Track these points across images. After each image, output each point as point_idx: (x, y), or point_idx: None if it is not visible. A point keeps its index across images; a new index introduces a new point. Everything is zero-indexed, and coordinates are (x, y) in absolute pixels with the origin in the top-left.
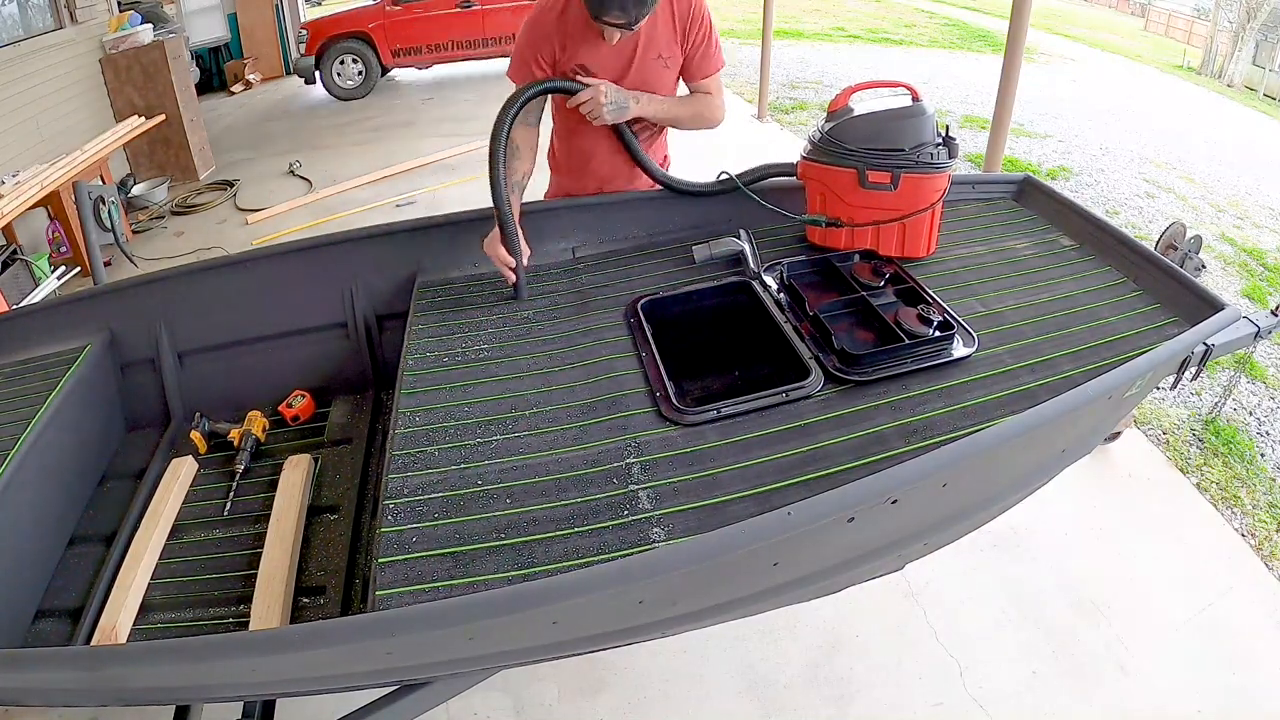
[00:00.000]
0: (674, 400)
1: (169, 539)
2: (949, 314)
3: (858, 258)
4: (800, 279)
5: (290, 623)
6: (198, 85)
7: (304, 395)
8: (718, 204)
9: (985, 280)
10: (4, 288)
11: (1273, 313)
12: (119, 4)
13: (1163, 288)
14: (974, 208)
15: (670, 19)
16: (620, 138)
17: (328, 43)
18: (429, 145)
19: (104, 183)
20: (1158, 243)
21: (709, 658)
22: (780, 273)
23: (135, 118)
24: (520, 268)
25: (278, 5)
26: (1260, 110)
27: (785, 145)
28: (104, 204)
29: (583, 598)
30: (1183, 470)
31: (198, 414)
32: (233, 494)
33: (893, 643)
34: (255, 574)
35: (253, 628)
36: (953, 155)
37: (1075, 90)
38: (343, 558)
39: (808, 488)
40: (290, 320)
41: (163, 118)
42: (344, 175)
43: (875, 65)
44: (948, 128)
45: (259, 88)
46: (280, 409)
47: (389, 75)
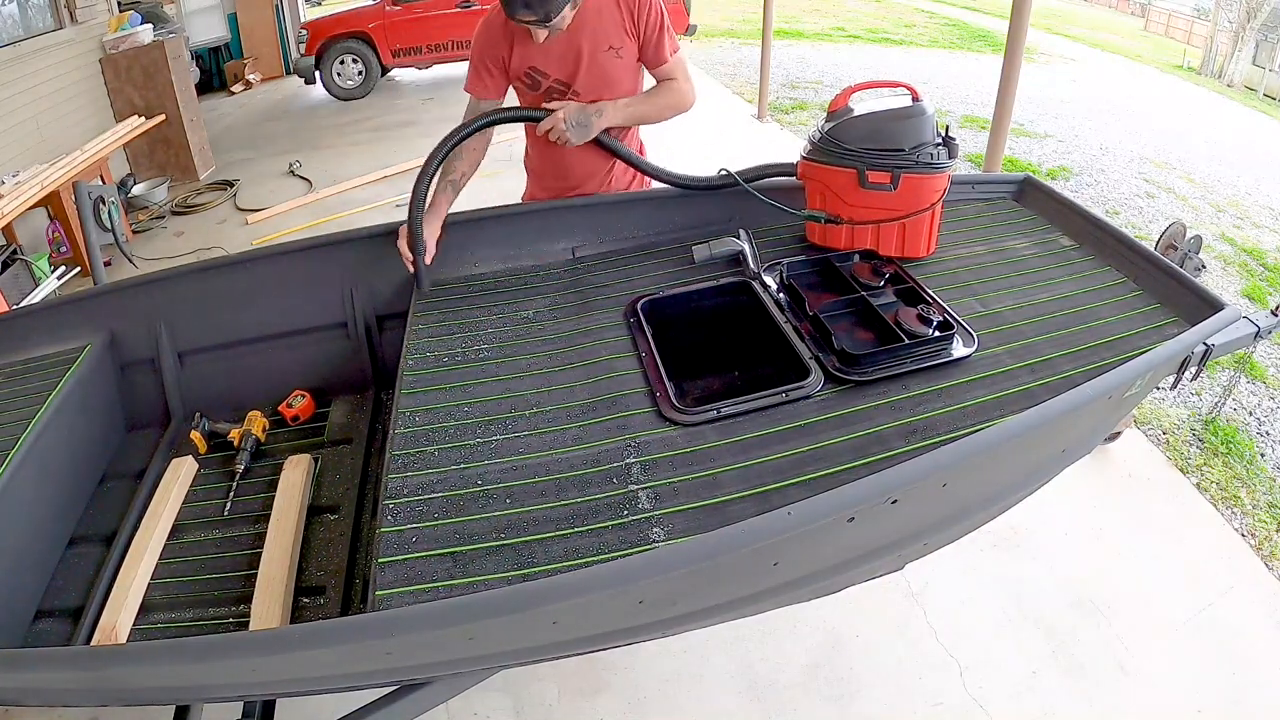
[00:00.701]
0: (674, 400)
1: (169, 539)
2: (949, 314)
3: (857, 258)
4: (800, 279)
5: (290, 623)
6: (198, 85)
7: (304, 395)
8: (717, 203)
9: (985, 280)
10: (4, 288)
11: (1273, 313)
12: (119, 4)
13: (1163, 288)
14: (974, 208)
15: (616, 9)
16: (602, 144)
17: (328, 43)
18: (429, 145)
19: (104, 183)
20: (1158, 243)
21: (709, 658)
22: (780, 273)
23: (135, 118)
24: (420, 262)
25: (278, 5)
26: (1260, 110)
27: (785, 145)
28: (104, 204)
29: (583, 598)
30: (1183, 470)
31: (198, 414)
32: (233, 494)
33: (893, 643)
34: (255, 574)
35: (253, 628)
36: (952, 155)
37: (1075, 90)
38: (343, 558)
39: (808, 488)
40: (290, 320)
41: (163, 118)
42: (344, 175)
43: (875, 65)
44: (947, 128)
45: (259, 88)
46: (280, 409)
47: (389, 75)
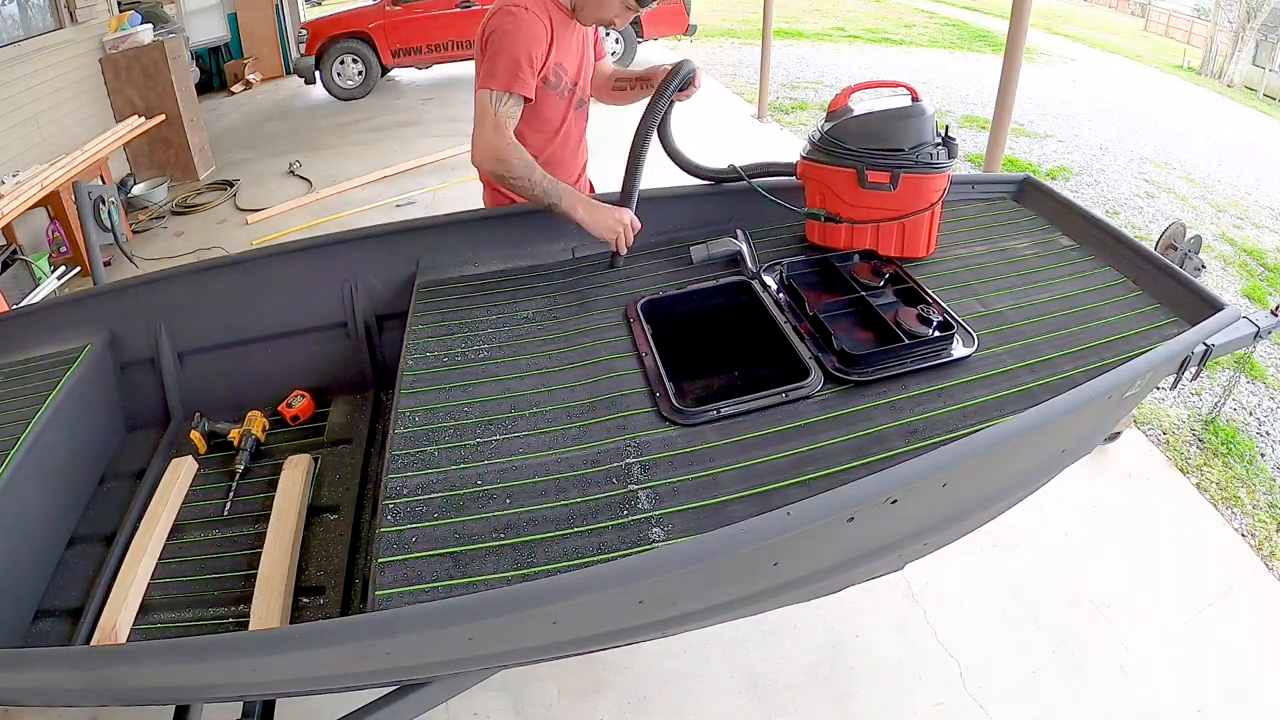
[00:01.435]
0: (674, 400)
1: (169, 539)
2: (949, 314)
3: (857, 258)
4: (800, 279)
5: (290, 623)
6: (198, 85)
7: (304, 395)
8: (717, 203)
9: (985, 280)
10: (4, 288)
11: (1273, 313)
12: (119, 4)
13: (1162, 288)
14: (974, 208)
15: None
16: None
17: (328, 43)
18: (429, 145)
19: (104, 183)
20: (1157, 243)
21: (709, 658)
22: (780, 273)
23: (135, 118)
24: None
25: (278, 5)
26: (1260, 110)
27: (785, 145)
28: (104, 204)
29: (582, 598)
30: (1183, 470)
31: (198, 414)
32: (233, 494)
33: (893, 643)
34: (255, 574)
35: (253, 628)
36: (952, 155)
37: (1075, 90)
38: (343, 558)
39: (808, 488)
40: (290, 320)
41: (163, 118)
42: (344, 175)
43: (875, 65)
44: (947, 128)
45: (259, 88)
46: (280, 409)
47: (389, 75)
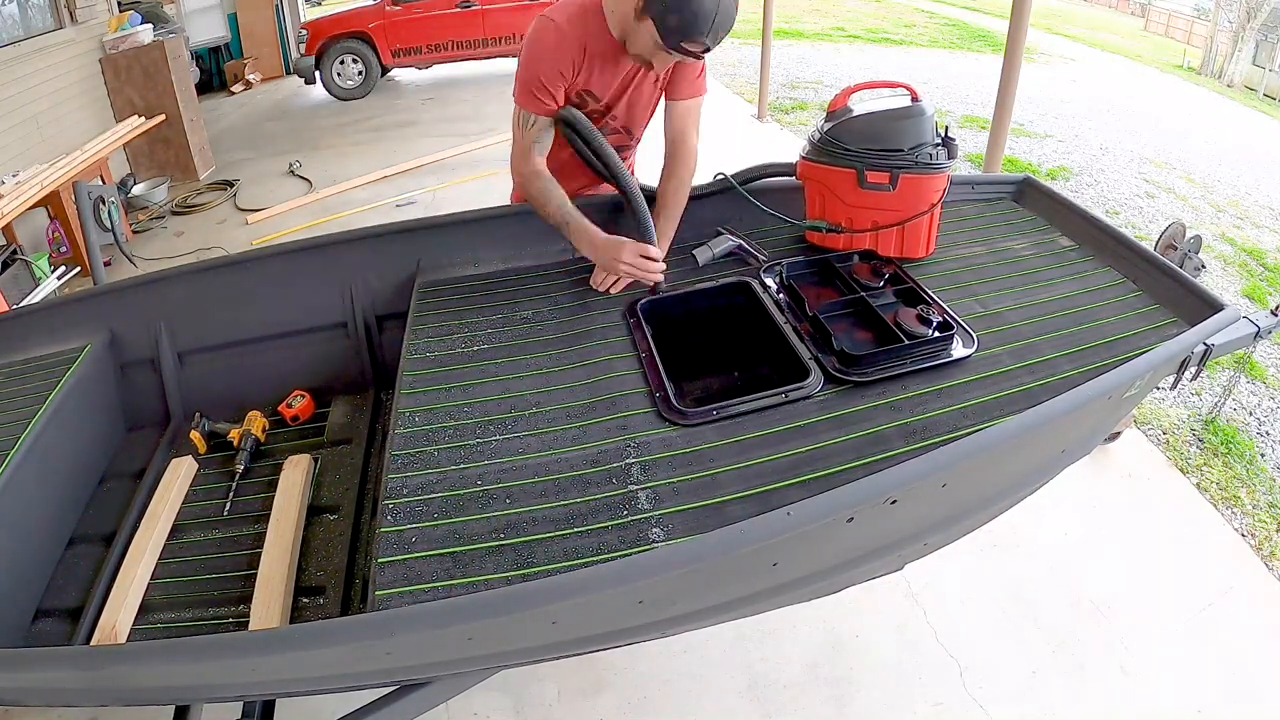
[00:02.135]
0: (673, 400)
1: (169, 539)
2: (948, 314)
3: (857, 258)
4: (800, 279)
5: (290, 623)
6: (198, 85)
7: (304, 395)
8: (718, 205)
9: (985, 281)
10: (4, 288)
11: (1273, 313)
12: (119, 4)
13: (1162, 288)
14: (973, 208)
15: None
16: (610, 170)
17: (328, 43)
18: (429, 145)
19: (104, 183)
20: (1157, 243)
21: (709, 658)
22: (780, 273)
23: (135, 118)
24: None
25: (278, 5)
26: (1260, 110)
27: (785, 145)
28: (104, 204)
29: (582, 598)
30: (1183, 470)
31: (198, 414)
32: (232, 494)
33: (893, 643)
34: (255, 574)
35: (253, 628)
36: (952, 156)
37: (1075, 90)
38: (343, 558)
39: (807, 488)
40: (290, 320)
41: (163, 118)
42: (344, 175)
43: (875, 65)
44: (947, 128)
45: (259, 88)
46: (280, 409)
47: (389, 75)
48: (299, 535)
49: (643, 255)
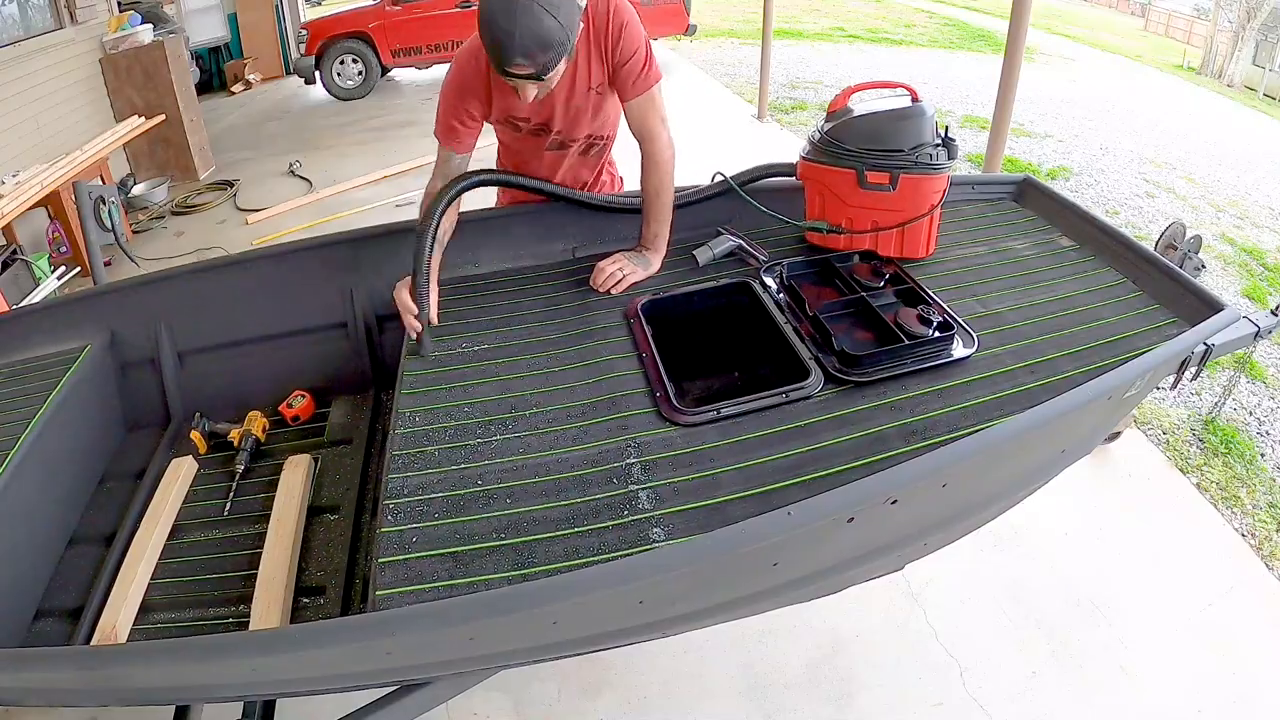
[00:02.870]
0: (674, 400)
1: (169, 539)
2: (949, 314)
3: (857, 258)
4: (800, 279)
5: (290, 623)
6: (198, 85)
7: (304, 395)
8: (718, 206)
9: (985, 281)
10: (4, 288)
11: (1273, 313)
12: (119, 4)
13: (1162, 288)
14: (974, 208)
15: (587, 43)
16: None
17: (328, 43)
18: (429, 145)
19: (104, 183)
20: (1157, 243)
21: (709, 658)
22: (780, 273)
23: (135, 118)
24: (425, 324)
25: (278, 5)
26: (1260, 110)
27: (785, 145)
28: (104, 204)
29: (583, 598)
30: (1183, 470)
31: (198, 414)
32: (233, 494)
33: (893, 643)
34: (255, 574)
35: (253, 628)
36: (952, 156)
37: (1075, 90)
38: (343, 558)
39: (808, 488)
40: (290, 320)
41: (163, 118)
42: (344, 175)
43: (875, 65)
44: (947, 128)
45: (259, 88)
46: (280, 409)
47: (389, 75)
48: (299, 535)
49: (406, 295)
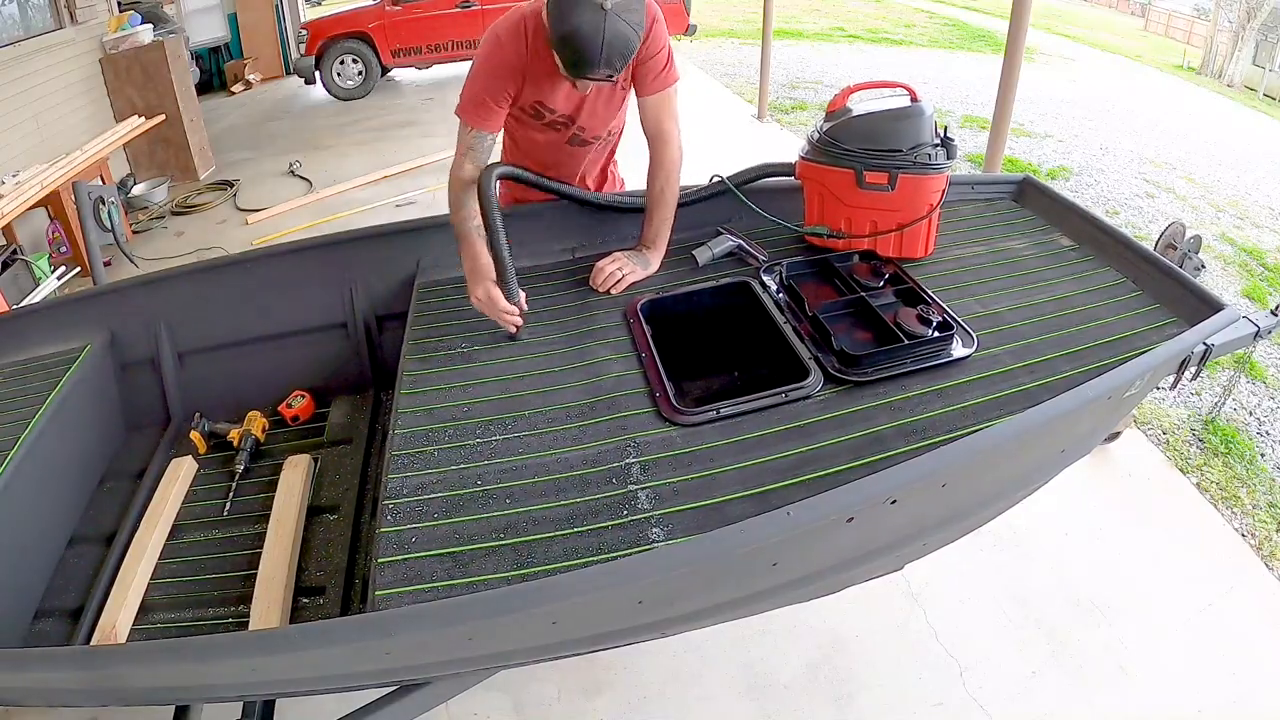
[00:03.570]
0: (673, 400)
1: (169, 539)
2: (948, 314)
3: (857, 258)
4: (799, 279)
5: (290, 623)
6: (198, 85)
7: (304, 395)
8: (718, 206)
9: (984, 281)
10: (4, 288)
11: (1273, 313)
12: (119, 4)
13: (1162, 288)
14: (973, 208)
15: None
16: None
17: (328, 43)
18: (429, 145)
19: (104, 183)
20: (1157, 243)
21: (709, 658)
22: (779, 273)
23: (135, 118)
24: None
25: (278, 5)
26: (1260, 110)
27: (785, 145)
28: (104, 204)
29: (582, 598)
30: (1183, 470)
31: (197, 414)
32: (232, 494)
33: (893, 643)
34: (255, 574)
35: (253, 628)
36: (951, 156)
37: (1075, 90)
38: (342, 558)
39: (807, 488)
40: (290, 320)
41: (163, 118)
42: (344, 175)
43: (875, 65)
44: (946, 128)
45: (259, 88)
46: (280, 409)
47: (389, 75)
48: (299, 535)
49: (498, 300)
